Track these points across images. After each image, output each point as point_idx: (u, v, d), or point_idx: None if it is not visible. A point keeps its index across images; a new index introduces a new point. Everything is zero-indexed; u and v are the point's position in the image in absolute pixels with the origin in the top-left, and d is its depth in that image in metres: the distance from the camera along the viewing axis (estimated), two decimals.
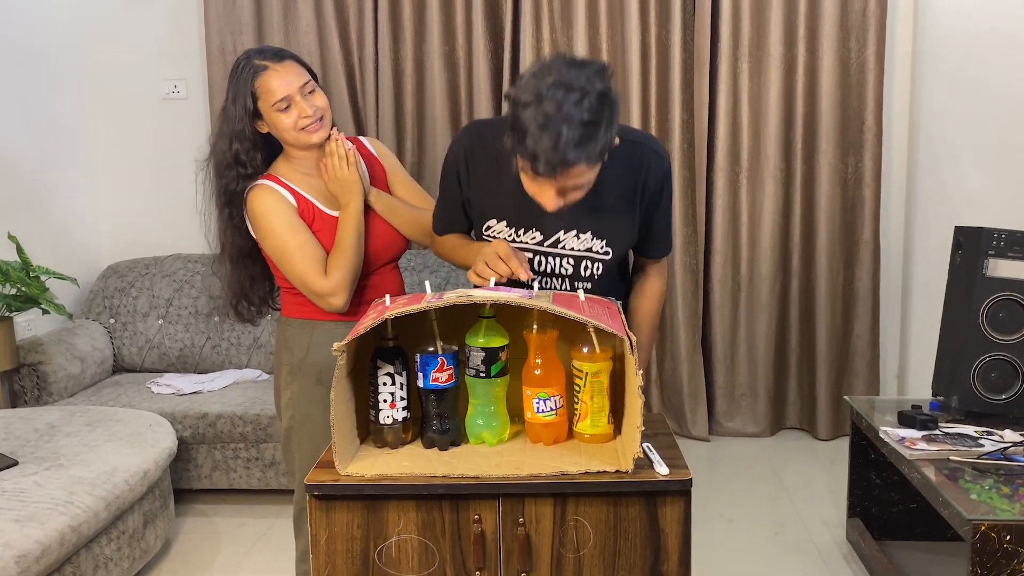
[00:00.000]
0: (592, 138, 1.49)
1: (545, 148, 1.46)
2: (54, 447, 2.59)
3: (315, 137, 1.94)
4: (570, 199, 1.60)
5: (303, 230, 1.94)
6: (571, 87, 1.47)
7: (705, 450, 3.69)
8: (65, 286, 3.52)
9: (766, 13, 3.55)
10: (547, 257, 1.78)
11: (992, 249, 2.30)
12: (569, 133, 1.46)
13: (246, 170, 1.96)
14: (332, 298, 1.92)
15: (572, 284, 1.80)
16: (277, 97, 1.90)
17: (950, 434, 2.22)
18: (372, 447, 1.53)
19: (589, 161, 1.51)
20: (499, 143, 1.69)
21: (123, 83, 3.87)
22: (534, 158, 1.48)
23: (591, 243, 1.77)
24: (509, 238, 1.78)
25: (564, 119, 1.45)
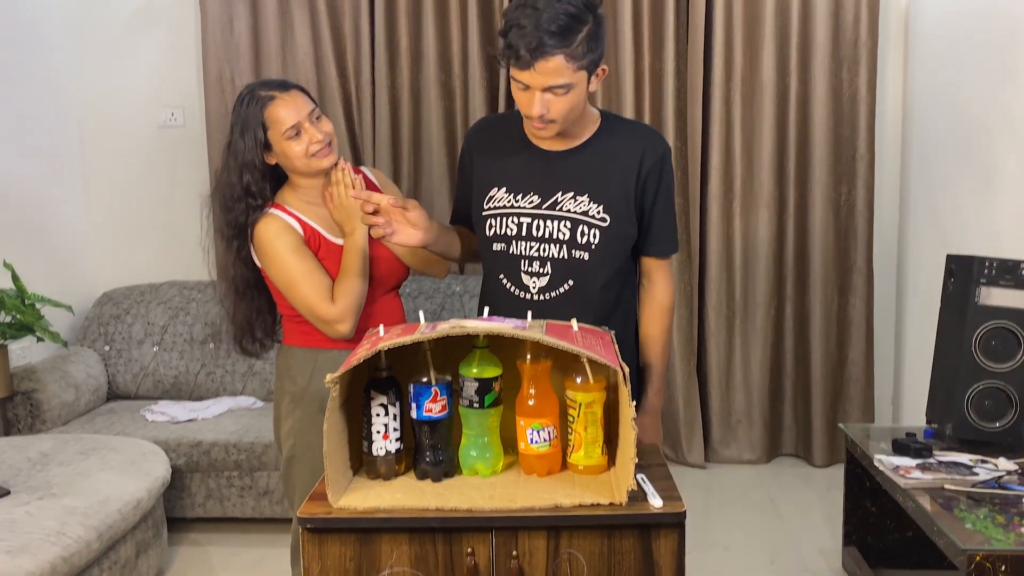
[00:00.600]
0: (572, 30, 1.61)
1: (525, 33, 1.58)
2: (47, 476, 2.57)
3: (326, 162, 1.96)
4: (554, 108, 1.67)
5: (309, 258, 1.95)
6: None
7: (701, 478, 3.68)
8: (60, 313, 3.52)
9: (759, 43, 3.59)
10: (545, 220, 1.80)
11: (984, 277, 2.31)
12: (549, 19, 1.58)
13: (256, 201, 1.97)
14: (339, 324, 1.93)
15: (569, 251, 1.80)
16: (287, 125, 1.92)
17: (944, 462, 2.22)
18: (365, 478, 1.53)
19: (569, 53, 1.60)
20: (504, 124, 1.87)
21: (120, 110, 3.89)
22: (515, 49, 1.59)
23: (588, 206, 1.80)
24: (508, 204, 1.83)
25: (546, 6, 1.59)
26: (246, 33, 3.73)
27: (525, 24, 1.58)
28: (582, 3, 1.62)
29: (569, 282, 1.81)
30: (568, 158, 1.81)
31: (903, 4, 3.62)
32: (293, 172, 2.00)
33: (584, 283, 1.81)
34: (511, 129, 1.86)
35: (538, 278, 1.81)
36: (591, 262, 1.80)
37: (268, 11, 3.68)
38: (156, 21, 3.85)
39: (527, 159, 1.82)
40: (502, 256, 1.84)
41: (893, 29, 3.63)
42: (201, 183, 3.80)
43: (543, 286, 1.81)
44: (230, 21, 3.71)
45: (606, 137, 1.82)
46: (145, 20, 3.85)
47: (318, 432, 1.96)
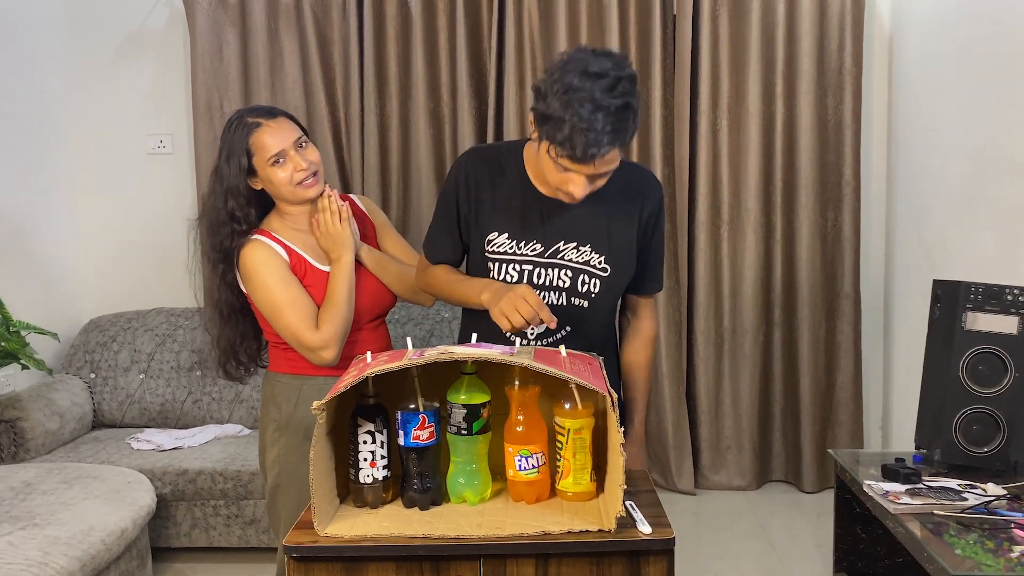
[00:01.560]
0: (625, 122, 1.54)
1: (582, 136, 1.50)
2: (29, 506, 2.54)
3: (311, 192, 1.96)
4: (596, 186, 1.63)
5: (295, 284, 1.94)
6: (601, 75, 1.52)
7: (691, 504, 3.66)
8: (46, 340, 3.49)
9: (744, 71, 3.63)
10: (545, 269, 1.79)
11: (970, 302, 2.32)
12: (605, 120, 1.50)
13: (241, 226, 1.97)
14: (324, 351, 1.92)
15: (569, 298, 1.80)
16: (271, 152, 1.92)
17: (933, 488, 2.22)
18: (352, 506, 1.51)
19: (622, 144, 1.56)
20: (498, 161, 1.80)
21: (109, 137, 3.90)
22: (571, 147, 1.52)
23: (590, 256, 1.79)
24: (511, 250, 1.79)
25: (599, 106, 1.50)
26: (235, 61, 3.75)
27: (582, 122, 1.50)
28: (631, 85, 1.55)
29: (567, 328, 1.81)
30: (571, 208, 1.76)
31: (887, 32, 3.67)
32: (279, 199, 2.00)
33: (581, 329, 1.82)
34: (507, 166, 1.81)
35: (537, 325, 1.80)
36: (589, 309, 1.80)
37: (257, 39, 3.70)
38: (145, 49, 3.87)
39: (528, 204, 1.79)
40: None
41: (877, 57, 3.68)
42: (189, 210, 3.81)
43: (541, 332, 1.81)
44: (219, 49, 3.73)
45: (607, 185, 1.74)
46: (135, 48, 3.87)
47: (303, 460, 1.94)
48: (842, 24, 3.57)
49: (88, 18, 3.85)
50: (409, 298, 2.10)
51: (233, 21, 3.73)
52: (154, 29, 3.86)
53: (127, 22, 3.85)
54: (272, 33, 3.72)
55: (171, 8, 3.83)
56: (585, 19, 3.64)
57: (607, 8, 3.59)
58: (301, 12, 3.68)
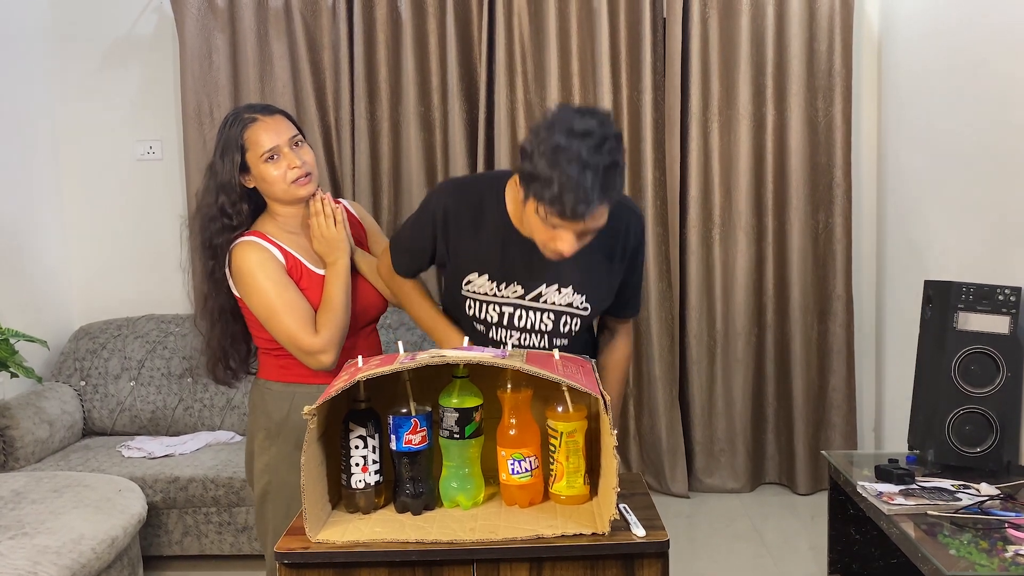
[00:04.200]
0: (612, 179, 1.54)
1: (571, 194, 1.49)
2: (19, 515, 2.52)
3: (303, 191, 1.94)
4: (584, 242, 1.62)
5: (291, 287, 1.91)
6: (587, 134, 1.51)
7: (685, 507, 3.66)
8: (35, 348, 3.47)
9: (735, 74, 3.64)
10: (527, 312, 1.78)
11: (961, 303, 2.33)
12: (594, 179, 1.50)
13: (231, 221, 1.94)
14: (323, 355, 1.89)
15: (551, 341, 1.80)
16: (265, 148, 1.90)
17: (927, 488, 2.22)
18: (344, 512, 1.50)
19: (608, 201, 1.55)
20: (479, 199, 1.76)
21: (98, 143, 3.87)
22: (561, 205, 1.50)
23: (572, 298, 1.79)
24: (491, 292, 1.78)
25: (587, 165, 1.49)
26: (225, 66, 3.73)
27: (571, 182, 1.49)
28: (617, 143, 1.55)
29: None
30: None
31: (875, 35, 3.68)
32: (271, 198, 1.97)
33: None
34: (487, 206, 1.78)
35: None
36: (569, 347, 1.80)
37: (247, 44, 3.69)
38: (134, 54, 3.85)
39: (508, 246, 1.76)
40: (481, 339, 1.82)
41: (866, 59, 3.69)
42: (179, 216, 3.79)
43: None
44: (209, 54, 3.72)
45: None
46: (123, 53, 3.85)
47: (293, 469, 1.92)
48: (831, 27, 3.58)
49: (76, 24, 3.83)
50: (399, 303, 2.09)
51: (222, 26, 3.72)
52: (143, 35, 3.84)
53: (115, 28, 3.84)
54: (262, 38, 3.71)
55: (160, 14, 3.81)
56: (575, 23, 3.64)
57: (596, 12, 3.59)
58: (291, 17, 3.67)
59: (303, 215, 1.99)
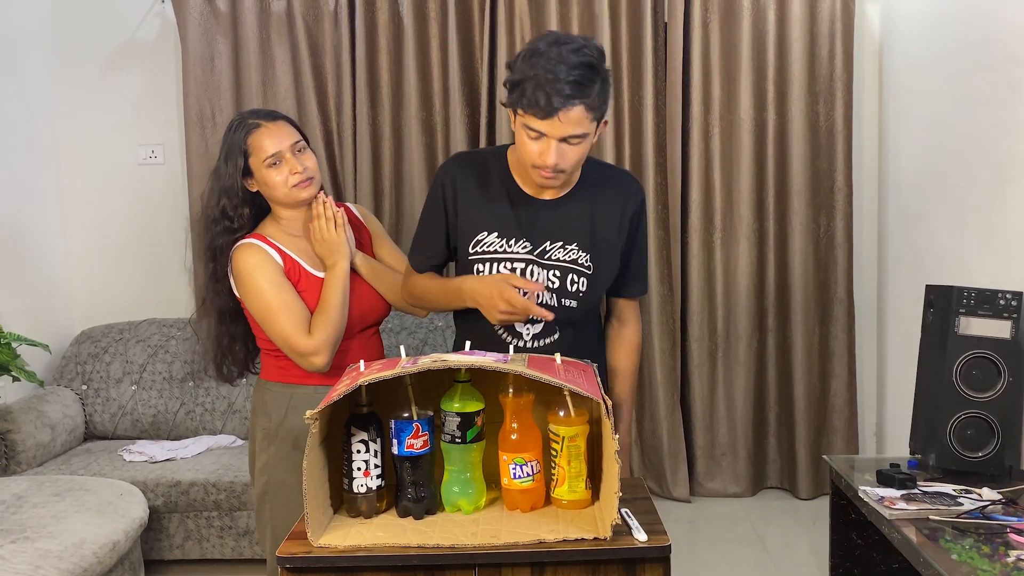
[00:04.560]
0: (590, 80, 1.61)
1: (544, 89, 1.58)
2: (20, 519, 2.52)
3: (304, 194, 1.96)
4: (567, 158, 1.67)
5: (288, 289, 1.93)
6: (567, 41, 1.63)
7: (686, 511, 3.65)
8: (37, 352, 3.47)
9: (736, 78, 3.64)
10: (535, 268, 1.81)
11: (963, 307, 2.33)
12: (568, 72, 1.58)
13: (232, 224, 1.98)
14: (315, 357, 1.91)
15: (560, 299, 1.81)
16: (267, 153, 1.93)
17: (929, 493, 2.21)
18: (346, 516, 1.50)
19: (588, 103, 1.61)
20: (484, 165, 1.84)
21: (100, 147, 3.88)
22: (536, 101, 1.59)
23: (576, 254, 1.82)
24: (500, 249, 1.81)
25: (562, 61, 1.59)
26: (227, 70, 3.74)
27: (546, 75, 1.58)
28: (596, 55, 1.64)
29: (558, 330, 1.82)
30: (556, 207, 1.82)
31: (877, 38, 3.68)
32: (274, 202, 2.00)
33: (571, 330, 1.83)
34: (492, 170, 1.85)
35: (532, 325, 1.82)
36: (579, 310, 1.82)
37: (249, 48, 3.70)
38: (137, 58, 3.86)
39: (515, 204, 1.82)
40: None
41: (868, 63, 3.69)
42: (181, 221, 3.80)
43: (536, 333, 1.82)
44: (211, 58, 3.73)
45: (590, 186, 1.84)
46: (126, 57, 3.86)
47: (291, 469, 1.94)
48: (832, 31, 3.58)
49: (78, 28, 3.84)
50: (403, 308, 2.09)
51: (225, 31, 3.73)
52: (146, 39, 3.85)
53: (118, 32, 3.84)
54: (264, 42, 3.72)
55: (162, 18, 3.82)
56: (577, 27, 3.65)
57: (598, 16, 3.60)
58: (293, 21, 3.68)
59: (305, 218, 2.01)
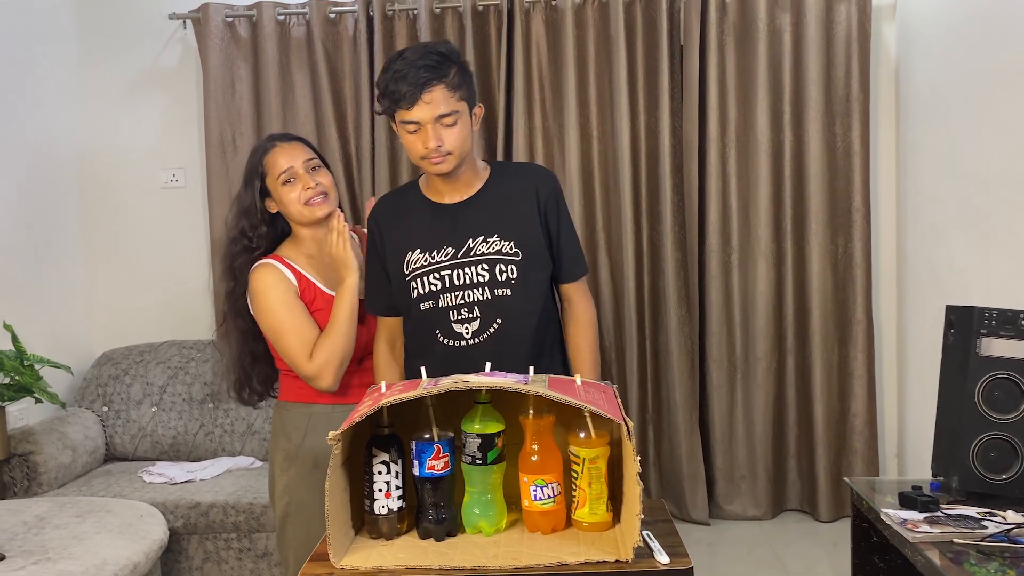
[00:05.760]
0: (445, 65, 1.78)
1: (406, 75, 1.75)
2: (42, 540, 2.54)
3: (319, 211, 2.00)
4: (448, 139, 1.80)
5: (299, 311, 1.96)
6: (419, 46, 1.83)
7: (706, 534, 3.62)
8: (59, 374, 3.50)
9: (752, 100, 3.65)
10: (463, 268, 1.88)
11: (984, 328, 2.31)
12: (423, 60, 1.77)
13: (251, 244, 2.02)
14: (318, 380, 1.94)
15: (492, 291, 1.88)
16: (280, 170, 1.99)
17: (952, 516, 2.19)
18: (367, 538, 1.51)
19: (448, 83, 1.78)
20: (398, 195, 1.97)
21: (122, 171, 3.93)
22: (399, 92, 1.75)
23: (499, 244, 1.89)
24: (426, 262, 1.89)
25: (414, 56, 1.78)
26: (247, 95, 3.79)
27: (402, 69, 1.76)
28: (446, 48, 1.82)
29: (498, 321, 1.88)
30: (470, 206, 1.92)
31: (893, 59, 3.69)
32: (292, 220, 2.04)
33: (511, 319, 1.89)
34: (409, 198, 1.96)
35: (468, 324, 1.88)
36: (514, 297, 1.89)
37: (269, 73, 3.74)
38: (159, 83, 3.92)
39: (433, 217, 1.91)
40: (432, 313, 1.89)
41: (884, 83, 3.69)
42: (201, 243, 3.84)
43: (475, 330, 1.88)
44: (232, 83, 3.78)
45: (500, 180, 1.95)
46: (148, 82, 3.92)
47: (312, 490, 1.95)
48: (848, 52, 3.59)
49: (103, 53, 3.90)
50: None
51: (245, 56, 3.78)
52: (168, 65, 3.91)
53: (141, 58, 3.91)
54: (284, 68, 3.77)
55: (184, 44, 3.88)
56: (592, 50, 3.68)
57: (614, 39, 3.63)
58: (312, 47, 3.73)
59: (323, 237, 2.04)
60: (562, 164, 3.73)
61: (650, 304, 3.76)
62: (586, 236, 3.74)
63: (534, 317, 1.95)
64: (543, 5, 3.69)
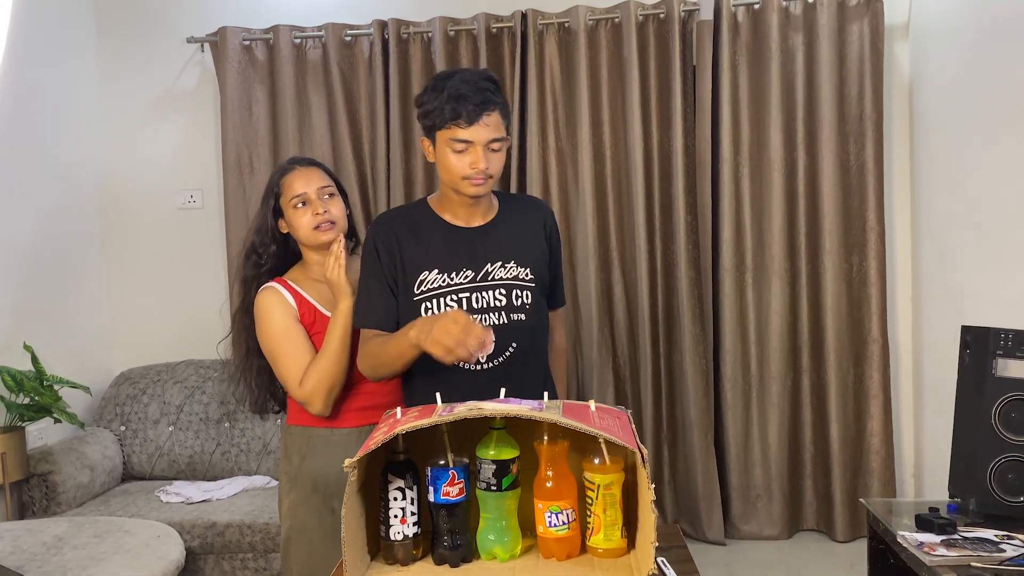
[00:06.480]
0: (499, 93, 1.82)
1: (464, 101, 1.76)
2: (61, 560, 2.56)
3: (325, 236, 2.03)
4: (493, 163, 1.82)
5: (295, 335, 1.99)
6: (465, 69, 1.86)
7: (722, 555, 3.61)
8: (77, 394, 3.54)
9: (765, 119, 3.66)
10: (481, 292, 1.88)
11: (1000, 349, 2.30)
12: (479, 82, 1.79)
13: (260, 260, 2.07)
14: (308, 405, 1.98)
15: (508, 316, 1.89)
16: (295, 193, 2.02)
17: (969, 538, 2.18)
18: (383, 563, 1.51)
19: (501, 111, 1.81)
20: (408, 215, 1.96)
21: (140, 192, 3.99)
22: (458, 111, 1.76)
23: (517, 270, 1.91)
24: (444, 283, 1.88)
25: (471, 78, 1.80)
26: (264, 117, 3.83)
27: (463, 88, 1.77)
28: (490, 74, 1.86)
29: (513, 345, 1.89)
30: (489, 231, 1.93)
31: (906, 77, 3.69)
32: (300, 243, 2.09)
33: (524, 343, 1.91)
34: (418, 218, 1.94)
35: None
36: (527, 322, 1.91)
37: (286, 96, 3.79)
38: (177, 105, 3.97)
39: (450, 239, 1.91)
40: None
41: (897, 102, 3.70)
42: (219, 264, 3.87)
43: (491, 354, 1.87)
44: (249, 106, 3.82)
45: (511, 209, 1.99)
46: (167, 105, 3.97)
47: (311, 513, 1.98)
48: (861, 71, 3.60)
49: (122, 77, 3.96)
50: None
51: (262, 79, 3.83)
52: (186, 87, 3.96)
53: (160, 81, 3.97)
54: (300, 90, 3.81)
55: (202, 67, 3.94)
56: (605, 71, 3.70)
57: (627, 60, 3.65)
58: (329, 69, 3.77)
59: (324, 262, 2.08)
60: (575, 183, 3.75)
61: (664, 323, 3.76)
62: (599, 255, 3.75)
63: (544, 342, 2.01)
64: (556, 27, 3.72)
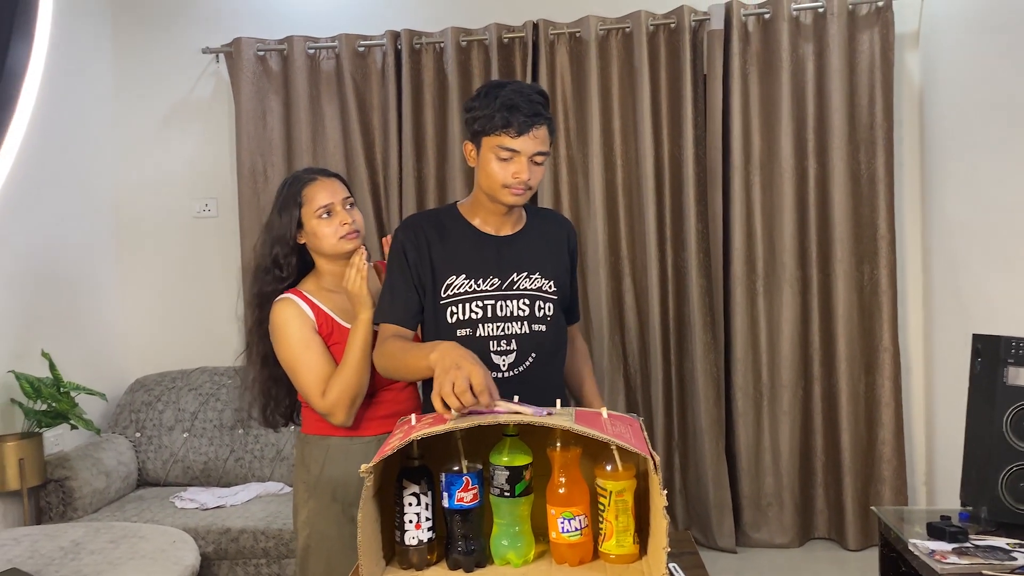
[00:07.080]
0: (547, 106, 1.84)
1: (516, 110, 1.78)
2: (78, 565, 2.58)
3: (350, 245, 2.05)
4: (535, 176, 1.85)
5: (314, 347, 2.00)
6: (516, 81, 1.90)
7: (733, 563, 3.61)
8: (93, 400, 3.57)
9: (776, 129, 3.67)
10: (506, 300, 1.91)
11: (1011, 357, 2.31)
12: (530, 94, 1.81)
13: (282, 273, 2.07)
14: (331, 416, 1.99)
15: (530, 326, 1.92)
16: (320, 204, 2.03)
17: (981, 547, 2.18)
18: (398, 569, 1.53)
19: (548, 126, 1.84)
20: (437, 218, 1.97)
21: (156, 201, 4.03)
22: (509, 120, 1.78)
23: (541, 282, 1.94)
24: (470, 289, 1.90)
25: (519, 90, 1.82)
26: (278, 126, 3.87)
27: (515, 98, 1.79)
28: (544, 91, 1.88)
29: (533, 355, 1.92)
30: (516, 241, 1.96)
31: (917, 86, 3.70)
32: (319, 254, 2.08)
33: (545, 354, 1.94)
34: (447, 222, 1.96)
35: (506, 356, 1.91)
36: (548, 333, 1.94)
37: (300, 105, 3.83)
38: (192, 115, 4.01)
39: (479, 246, 1.93)
40: (468, 341, 1.89)
41: (908, 111, 3.70)
42: (233, 272, 3.91)
43: (512, 362, 1.91)
44: (263, 115, 3.86)
45: (538, 222, 2.02)
46: (182, 114, 4.02)
47: (331, 522, 1.99)
48: (872, 80, 3.61)
49: (138, 87, 4.01)
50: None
51: (276, 89, 3.87)
52: (201, 97, 4.01)
53: (175, 91, 4.01)
54: (314, 100, 3.85)
55: (217, 77, 3.98)
56: (616, 80, 3.73)
57: (638, 69, 3.67)
58: (342, 80, 3.81)
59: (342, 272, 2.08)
60: (586, 192, 3.77)
61: (675, 331, 3.78)
62: (610, 263, 3.77)
63: (562, 354, 2.04)
64: (567, 37, 3.75)
